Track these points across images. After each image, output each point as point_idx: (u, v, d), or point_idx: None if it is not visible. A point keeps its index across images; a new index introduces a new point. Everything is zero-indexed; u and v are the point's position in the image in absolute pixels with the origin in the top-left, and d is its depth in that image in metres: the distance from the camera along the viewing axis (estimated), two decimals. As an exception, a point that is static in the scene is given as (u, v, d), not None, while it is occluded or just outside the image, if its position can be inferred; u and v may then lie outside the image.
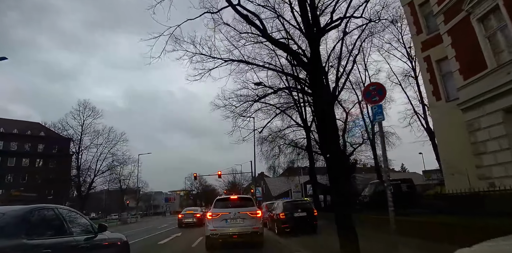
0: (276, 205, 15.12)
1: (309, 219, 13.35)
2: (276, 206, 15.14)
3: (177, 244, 12.63)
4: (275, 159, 26.53)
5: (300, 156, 27.75)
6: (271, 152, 26.28)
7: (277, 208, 14.36)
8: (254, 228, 9.73)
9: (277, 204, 15.34)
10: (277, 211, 14.02)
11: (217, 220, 9.82)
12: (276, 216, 13.96)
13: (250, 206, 10.46)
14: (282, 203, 14.27)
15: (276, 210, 14.49)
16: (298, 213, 13.32)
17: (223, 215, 9.86)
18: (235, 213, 9.84)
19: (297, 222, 13.00)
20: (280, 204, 14.39)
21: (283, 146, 26.14)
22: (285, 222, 13.10)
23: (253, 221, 9.86)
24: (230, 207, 10.17)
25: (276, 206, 15.23)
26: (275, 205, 15.42)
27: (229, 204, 10.51)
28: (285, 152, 26.71)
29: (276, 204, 15.39)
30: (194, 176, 36.68)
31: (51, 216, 4.31)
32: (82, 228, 4.92)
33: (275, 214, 14.24)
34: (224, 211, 9.98)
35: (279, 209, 13.99)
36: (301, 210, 13.48)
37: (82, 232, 4.79)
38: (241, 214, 9.83)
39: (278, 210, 13.96)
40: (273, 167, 27.23)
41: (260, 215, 10.31)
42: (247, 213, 9.90)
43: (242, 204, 10.48)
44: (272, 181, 53.10)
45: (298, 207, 13.76)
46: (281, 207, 13.83)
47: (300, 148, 25.93)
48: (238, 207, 10.13)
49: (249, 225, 9.71)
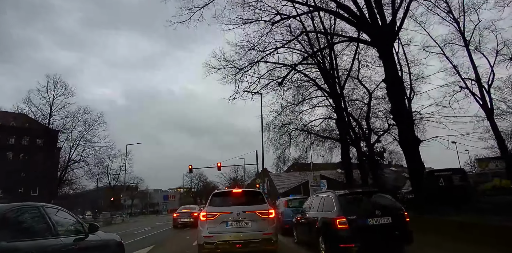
0: (320, 202, 8.22)
1: (398, 230, 6.82)
2: (317, 203, 8.36)
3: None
4: (285, 148, 22.28)
5: (314, 146, 23.62)
6: (280, 139, 22.10)
7: (323, 207, 7.88)
8: (266, 234, 7.32)
9: (321, 199, 8.24)
10: (324, 213, 7.63)
11: (214, 223, 7.40)
12: (322, 223, 7.55)
13: (260, 203, 7.85)
14: (337, 197, 7.46)
15: (317, 211, 8.13)
16: (377, 219, 6.78)
17: (223, 215, 7.45)
18: (239, 212, 7.40)
19: (375, 237, 6.70)
20: (331, 199, 7.56)
21: (294, 132, 21.90)
22: (349, 237, 6.69)
23: (264, 224, 7.45)
24: (232, 205, 7.73)
25: (317, 203, 8.34)
26: (314, 202, 8.70)
27: (231, 200, 8.03)
28: (296, 140, 22.52)
29: (320, 200, 8.30)
30: (189, 169, 32.48)
31: (35, 215, 3.96)
32: (71, 228, 4.63)
33: (317, 220, 7.86)
34: (223, 210, 7.55)
35: (329, 209, 7.49)
36: (382, 213, 6.86)
37: (71, 233, 4.50)
38: (247, 214, 7.43)
39: (328, 211, 7.51)
40: (283, 157, 22.83)
41: (273, 216, 7.73)
42: (256, 212, 7.47)
43: (249, 201, 7.94)
44: (277, 176, 49.54)
45: (374, 205, 7.14)
46: (336, 204, 7.24)
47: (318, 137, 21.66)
48: (243, 205, 7.68)
49: (258, 229, 7.34)
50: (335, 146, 23.62)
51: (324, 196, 8.08)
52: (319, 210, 8.00)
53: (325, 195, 8.12)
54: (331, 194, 7.72)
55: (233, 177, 69.32)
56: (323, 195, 8.27)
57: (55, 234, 4.02)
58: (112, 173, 51.24)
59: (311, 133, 21.97)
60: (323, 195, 8.27)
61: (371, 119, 21.92)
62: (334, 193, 7.75)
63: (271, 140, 22.55)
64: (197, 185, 79.65)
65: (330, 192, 8.17)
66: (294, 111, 21.06)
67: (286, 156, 22.77)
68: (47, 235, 3.87)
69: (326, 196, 7.97)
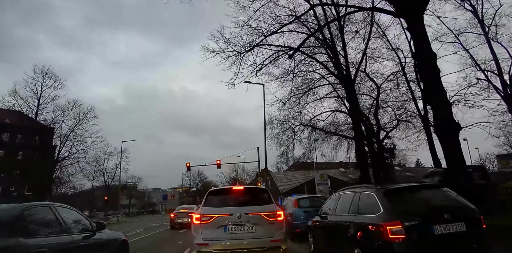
0: (352, 201, 5.92)
1: (475, 242, 4.75)
2: (347, 203, 6.08)
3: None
4: (288, 144, 20.92)
5: (319, 143, 22.25)
6: (283, 135, 20.77)
7: (359, 208, 5.61)
8: (274, 241, 6.07)
9: (353, 198, 5.95)
10: (362, 217, 5.36)
11: (209, 227, 6.14)
12: (359, 230, 5.23)
13: (265, 202, 6.57)
14: (382, 194, 5.16)
15: (349, 214, 5.87)
16: (446, 225, 4.59)
17: (220, 218, 6.20)
18: (240, 214, 6.15)
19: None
20: (373, 198, 5.20)
21: (298, 127, 20.54)
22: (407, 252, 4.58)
23: (272, 228, 6.18)
24: (231, 205, 6.49)
25: (347, 202, 6.07)
26: (342, 201, 6.43)
27: (230, 199, 6.77)
28: (300, 136, 21.17)
29: (351, 198, 6.01)
30: (187, 166, 31.22)
31: (47, 214, 4.28)
32: (80, 226, 4.89)
33: (350, 226, 5.58)
34: (221, 211, 6.30)
35: (370, 211, 5.15)
36: (452, 217, 4.67)
37: (80, 230, 4.78)
38: (250, 216, 6.17)
39: (368, 214, 5.19)
40: (286, 154, 21.41)
41: (282, 218, 6.37)
42: (261, 214, 6.22)
43: (252, 200, 6.66)
44: (278, 176, 48.33)
45: (439, 206, 4.99)
46: (382, 204, 4.92)
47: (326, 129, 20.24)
48: (245, 205, 6.43)
49: (264, 235, 6.08)
50: (340, 143, 22.31)
51: (359, 193, 5.83)
52: (351, 211, 5.78)
53: (360, 191, 5.88)
54: (372, 190, 5.49)
55: (233, 177, 68.05)
56: (355, 192, 6.01)
57: (65, 231, 4.37)
58: (108, 171, 49.96)
59: (315, 129, 20.64)
60: (355, 192, 6.01)
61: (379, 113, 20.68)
62: (375, 187, 5.71)
63: (274, 136, 21.26)
64: (196, 185, 78.37)
65: (366, 187, 6.13)
66: (300, 103, 19.66)
67: (290, 153, 21.39)
68: (59, 232, 4.21)
69: (363, 192, 5.73)
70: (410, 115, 20.73)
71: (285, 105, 19.74)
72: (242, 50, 14.74)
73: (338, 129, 21.32)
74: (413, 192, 5.45)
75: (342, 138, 21.76)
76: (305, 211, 10.33)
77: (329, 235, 6.66)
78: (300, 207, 10.81)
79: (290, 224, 9.87)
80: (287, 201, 12.77)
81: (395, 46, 19.24)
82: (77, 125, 32.45)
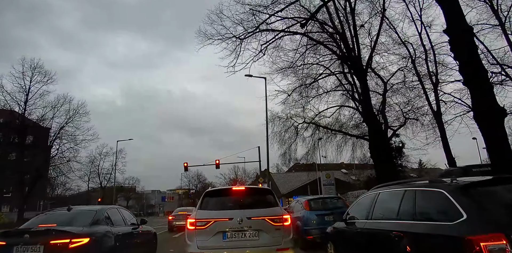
0: (401, 201, 4.19)
1: None
2: (391, 204, 4.45)
3: None
4: (290, 143, 19.91)
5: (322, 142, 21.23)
6: (286, 133, 19.77)
7: (416, 212, 3.88)
8: (280, 250, 5.39)
9: (403, 197, 4.21)
10: (426, 226, 3.58)
11: (206, 234, 5.45)
12: (423, 245, 3.56)
13: (270, 205, 5.87)
14: (459, 192, 3.50)
15: (397, 220, 4.13)
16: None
17: (219, 223, 5.50)
18: (241, 219, 5.45)
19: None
20: (445, 197, 3.50)
21: (301, 125, 19.54)
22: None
23: (278, 235, 5.48)
24: (231, 208, 5.81)
25: (392, 203, 4.44)
26: (380, 202, 4.80)
27: (230, 201, 6.10)
28: (303, 135, 20.17)
29: (399, 198, 4.29)
30: (185, 166, 30.21)
31: (116, 212, 7.04)
32: (131, 221, 7.50)
33: (403, 237, 3.82)
34: (220, 215, 5.62)
35: (439, 217, 3.55)
36: None
37: (131, 224, 7.31)
38: (253, 221, 5.47)
39: (436, 221, 3.54)
40: (289, 154, 20.35)
41: (289, 223, 5.69)
42: (265, 219, 5.51)
43: (255, 202, 5.96)
44: (279, 177, 47.50)
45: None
46: (464, 207, 3.26)
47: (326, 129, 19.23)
48: (247, 208, 5.71)
49: (269, 243, 5.39)
50: (345, 143, 21.28)
51: (413, 191, 4.07)
52: (402, 217, 4.03)
53: (416, 188, 4.12)
54: (440, 186, 3.73)
55: (233, 178, 67.08)
56: (405, 189, 4.26)
57: (125, 223, 7.02)
58: (104, 172, 48.96)
59: (319, 126, 19.62)
60: (405, 189, 4.26)
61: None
62: (443, 182, 3.87)
63: (275, 134, 20.25)
64: (195, 186, 77.24)
65: (430, 181, 4.15)
66: (304, 96, 18.63)
67: (292, 153, 20.35)
68: (122, 224, 6.83)
69: (422, 190, 3.99)
70: (418, 113, 19.84)
71: (290, 96, 18.64)
72: (245, 31, 13.46)
73: (343, 127, 20.32)
74: (506, 189, 3.55)
75: (347, 137, 20.80)
76: (318, 215, 8.95)
77: (363, 248, 4.83)
78: (312, 210, 9.31)
79: (299, 230, 8.76)
80: (295, 203, 11.32)
81: (404, 39, 18.34)
82: (68, 122, 30.47)
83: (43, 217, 6.48)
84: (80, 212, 6.43)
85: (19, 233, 5.37)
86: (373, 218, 4.73)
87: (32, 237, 5.04)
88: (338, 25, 15.05)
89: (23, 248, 4.94)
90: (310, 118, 19.57)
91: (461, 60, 6.10)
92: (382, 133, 16.17)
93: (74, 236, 5.07)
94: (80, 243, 5.06)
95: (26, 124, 31.29)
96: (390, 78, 19.68)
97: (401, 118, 20.33)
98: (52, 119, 30.20)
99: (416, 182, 4.51)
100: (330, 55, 17.22)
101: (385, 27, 17.98)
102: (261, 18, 13.26)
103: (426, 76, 17.65)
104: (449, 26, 6.18)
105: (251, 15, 13.06)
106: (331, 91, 19.15)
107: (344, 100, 19.96)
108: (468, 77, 5.88)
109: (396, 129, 20.35)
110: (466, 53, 5.79)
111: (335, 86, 19.13)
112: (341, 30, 14.70)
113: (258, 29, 13.44)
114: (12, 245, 4.99)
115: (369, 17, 16.68)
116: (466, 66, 5.90)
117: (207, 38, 14.06)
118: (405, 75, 19.47)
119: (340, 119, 20.37)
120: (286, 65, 17.06)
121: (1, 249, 5.12)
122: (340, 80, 18.64)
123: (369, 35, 17.50)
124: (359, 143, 20.86)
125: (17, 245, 4.95)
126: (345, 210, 6.31)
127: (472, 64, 5.72)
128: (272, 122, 20.51)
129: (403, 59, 19.02)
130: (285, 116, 19.80)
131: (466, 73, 5.90)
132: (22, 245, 4.95)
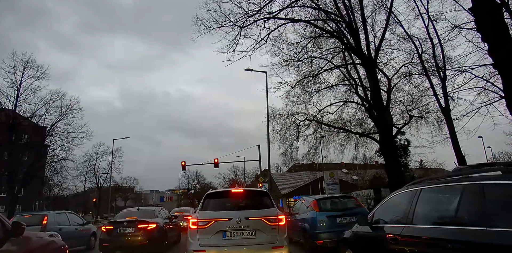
0: (477, 199, 2.95)
1: None
2: (448, 205, 3.44)
3: None
4: (292, 142, 19.29)
5: (324, 140, 20.59)
6: (287, 131, 19.17)
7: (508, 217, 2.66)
8: (276, 248, 5.86)
9: (476, 190, 2.98)
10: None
11: (207, 233, 5.92)
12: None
13: (267, 206, 6.39)
14: None
15: (460, 226, 3.02)
16: None
17: (219, 223, 5.97)
18: (239, 219, 5.91)
19: None
20: None
21: (303, 123, 18.93)
22: None
23: (273, 234, 5.97)
24: (230, 209, 6.41)
25: (447, 203, 3.51)
26: (418, 202, 3.78)
27: (230, 203, 6.66)
28: (305, 133, 19.57)
29: (464, 194, 3.13)
30: (182, 166, 29.59)
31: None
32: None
33: (467, 250, 2.87)
34: (220, 215, 6.09)
35: None
36: None
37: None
38: (251, 221, 5.94)
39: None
40: (290, 152, 19.70)
41: (284, 223, 6.17)
42: (262, 219, 6.00)
43: (253, 204, 6.53)
44: (279, 177, 46.88)
45: None
46: None
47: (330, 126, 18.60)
48: (245, 209, 6.31)
49: (266, 241, 5.86)
50: (347, 141, 20.65)
51: (479, 186, 2.98)
52: (462, 222, 3.08)
53: (489, 181, 2.96)
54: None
55: (232, 178, 66.46)
56: (465, 184, 3.21)
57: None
58: (101, 172, 48.26)
59: (322, 124, 19.01)
60: (465, 184, 3.21)
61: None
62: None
63: (276, 132, 19.62)
64: (194, 186, 76.59)
65: (503, 171, 3.06)
66: (307, 91, 18.04)
67: (294, 151, 19.71)
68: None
69: (501, 183, 2.88)
70: (423, 110, 19.26)
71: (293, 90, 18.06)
72: (246, 15, 12.78)
73: (346, 125, 19.72)
74: None
75: (349, 135, 20.18)
76: (329, 216, 7.93)
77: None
78: (322, 211, 8.25)
79: (306, 233, 8.03)
80: (300, 204, 10.28)
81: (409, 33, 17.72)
82: (61, 119, 29.26)
83: (124, 213, 10.94)
84: (146, 210, 11.10)
85: (120, 222, 9.58)
86: (415, 222, 3.71)
87: (128, 223, 9.34)
88: (344, 12, 14.41)
89: (123, 229, 9.21)
90: (312, 115, 18.99)
91: (490, 42, 5.49)
92: (391, 129, 15.56)
93: (149, 223, 9.34)
94: (152, 226, 9.33)
95: (17, 122, 30.11)
96: (394, 75, 19.14)
97: (405, 116, 19.82)
98: (44, 116, 28.82)
99: (479, 175, 3.23)
100: (333, 49, 16.64)
101: (390, 21, 17.46)
102: (260, 6, 12.70)
103: (433, 71, 17.01)
104: (476, 4, 5.52)
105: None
106: (335, 86, 18.56)
107: (348, 96, 19.37)
108: (498, 60, 5.26)
109: (400, 127, 19.80)
110: (497, 34, 5.19)
111: (338, 81, 18.56)
112: (348, 19, 14.05)
113: (259, 12, 12.84)
114: (116, 228, 9.29)
115: (373, 10, 16.12)
116: (497, 48, 5.29)
117: (205, 27, 13.41)
118: (410, 71, 18.90)
119: (343, 116, 19.80)
120: (288, 58, 16.50)
121: (112, 230, 9.30)
122: (344, 74, 18.05)
123: (373, 30, 17.01)
124: (362, 141, 20.33)
125: (119, 228, 9.25)
126: (359, 210, 5.72)
127: (504, 45, 5.10)
128: (272, 119, 19.90)
129: (408, 55, 18.49)
130: (286, 113, 19.22)
131: (497, 55, 5.28)
132: (122, 228, 9.23)
